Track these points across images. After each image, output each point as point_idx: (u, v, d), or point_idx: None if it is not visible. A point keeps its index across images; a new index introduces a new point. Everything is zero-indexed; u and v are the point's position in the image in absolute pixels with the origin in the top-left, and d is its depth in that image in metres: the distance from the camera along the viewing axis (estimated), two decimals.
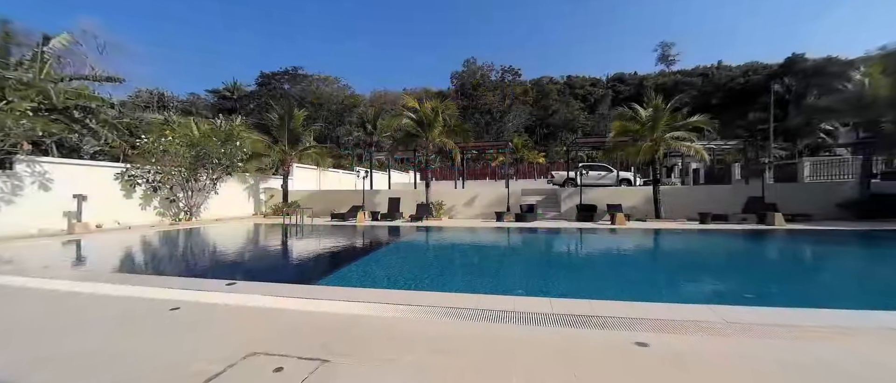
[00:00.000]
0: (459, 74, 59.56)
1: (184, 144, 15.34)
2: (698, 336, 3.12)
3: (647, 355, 2.70)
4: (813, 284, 6.27)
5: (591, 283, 6.09)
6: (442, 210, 16.91)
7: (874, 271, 7.71)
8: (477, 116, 51.43)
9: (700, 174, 23.53)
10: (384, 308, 3.87)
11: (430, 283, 5.91)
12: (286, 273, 7.38)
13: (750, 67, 59.27)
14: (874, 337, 3.09)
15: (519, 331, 3.26)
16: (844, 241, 10.42)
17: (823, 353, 2.76)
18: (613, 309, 3.70)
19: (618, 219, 13.64)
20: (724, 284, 6.31)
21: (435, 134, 17.26)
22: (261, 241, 12.05)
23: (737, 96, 50.48)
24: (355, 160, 40.56)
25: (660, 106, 15.03)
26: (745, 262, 8.63)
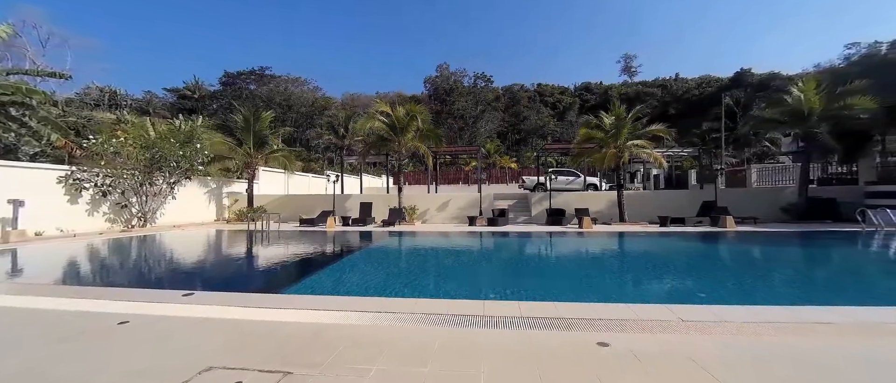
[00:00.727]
0: (433, 79, 59.79)
1: (138, 146, 14.39)
2: (656, 334, 3.27)
3: (607, 355, 2.80)
4: (758, 282, 6.76)
5: (558, 286, 6.25)
6: (415, 215, 16.83)
7: (808, 269, 8.44)
8: (450, 121, 51.81)
9: (660, 180, 24.88)
10: (352, 316, 3.79)
11: (402, 289, 5.85)
12: (248, 282, 7.06)
13: (704, 80, 63.49)
14: (807, 331, 3.37)
15: (488, 336, 3.29)
16: (785, 242, 11.33)
17: (763, 348, 2.98)
18: (578, 311, 3.82)
19: (585, 223, 14.12)
20: (681, 284, 6.68)
21: (408, 138, 17.19)
22: (222, 249, 11.48)
23: (692, 107, 53.90)
24: (326, 164, 39.75)
25: (622, 115, 15.77)
26: (700, 263, 9.17)
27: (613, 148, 15.58)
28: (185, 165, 15.53)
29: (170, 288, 5.50)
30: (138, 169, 14.41)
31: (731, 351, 2.89)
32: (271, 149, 20.06)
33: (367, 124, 18.33)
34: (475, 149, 28.46)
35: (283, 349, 2.97)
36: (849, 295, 5.73)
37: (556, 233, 13.56)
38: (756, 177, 22.37)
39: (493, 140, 51.24)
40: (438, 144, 18.75)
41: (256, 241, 12.02)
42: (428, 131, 18.14)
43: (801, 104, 15.10)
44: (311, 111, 47.43)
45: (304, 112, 46.98)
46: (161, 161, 14.78)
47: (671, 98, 61.46)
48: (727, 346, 3.00)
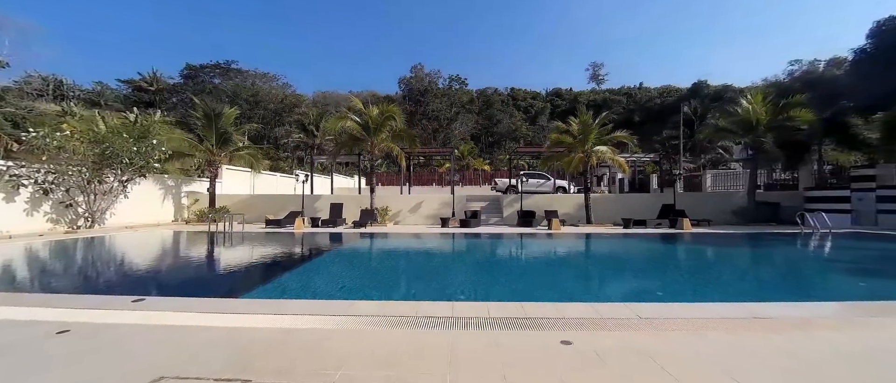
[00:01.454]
0: (407, 80, 59.51)
1: (86, 140, 13.34)
2: (616, 332, 3.41)
3: (570, 353, 2.89)
4: (709, 281, 7.23)
5: (526, 287, 6.38)
6: (387, 216, 16.65)
7: (753, 269, 9.11)
8: (424, 122, 51.73)
9: (625, 183, 26.02)
10: (318, 320, 3.69)
11: (371, 292, 5.76)
12: (207, 286, 6.71)
13: (665, 90, 67.11)
14: (750, 326, 3.64)
15: (456, 337, 3.30)
16: (734, 243, 12.17)
17: (712, 342, 3.18)
18: (544, 311, 3.92)
19: (554, 225, 14.52)
20: (641, 283, 7.01)
21: (381, 138, 17.00)
22: (179, 251, 10.85)
23: (654, 115, 56.75)
24: (295, 163, 38.53)
25: (589, 121, 16.38)
26: (659, 263, 9.67)
27: (581, 152, 16.15)
28: (139, 162, 14.55)
29: (118, 294, 5.13)
30: (86, 165, 13.35)
31: (684, 347, 3.07)
32: (236, 147, 19.21)
33: (338, 123, 17.96)
34: (449, 150, 28.59)
35: (242, 356, 2.84)
36: (786, 292, 6.24)
37: (527, 234, 13.86)
38: (711, 182, 23.89)
39: (467, 142, 51.66)
40: (412, 145, 18.67)
41: (218, 243, 11.45)
42: (402, 132, 18.02)
43: (749, 115, 16.32)
44: (281, 108, 45.85)
45: (272, 109, 45.34)
46: (112, 157, 13.76)
47: (635, 106, 64.46)
48: (680, 342, 3.18)
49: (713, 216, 16.44)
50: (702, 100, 48.33)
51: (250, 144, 23.42)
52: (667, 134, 38.90)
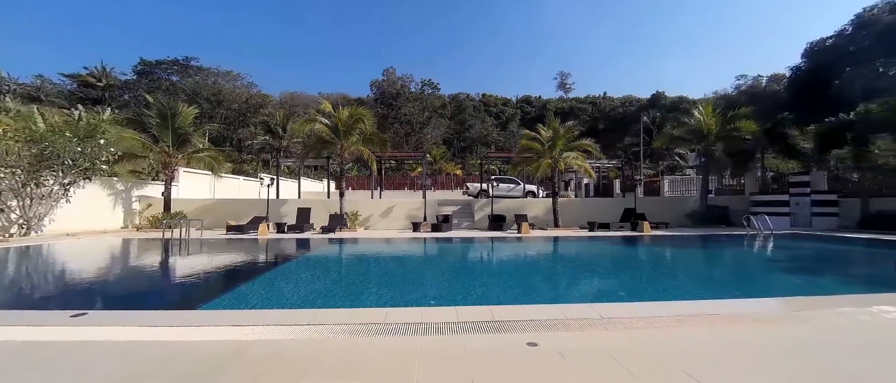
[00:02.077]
0: (379, 83, 58.98)
1: (21, 139, 12.16)
2: (580, 332, 3.53)
3: (535, 354, 2.96)
4: (666, 280, 7.65)
5: (495, 290, 6.46)
6: (357, 221, 16.34)
7: (705, 268, 9.74)
8: (396, 126, 51.41)
9: (590, 188, 27.06)
10: (280, 330, 3.55)
11: (338, 300, 5.61)
12: (159, 298, 6.27)
13: (627, 99, 70.63)
14: (701, 321, 3.87)
15: (425, 343, 3.28)
16: (687, 244, 12.95)
17: (667, 338, 3.36)
18: (511, 313, 3.98)
19: (523, 228, 14.82)
20: (603, 284, 7.30)
21: (351, 141, 16.71)
22: (127, 260, 10.09)
23: (617, 123, 59.60)
24: (260, 166, 37.03)
25: (557, 129, 16.94)
26: (620, 264, 10.11)
27: (549, 158, 16.65)
28: (84, 164, 13.42)
29: (55, 308, 4.68)
30: (21, 166, 12.15)
31: (642, 344, 3.22)
32: (195, 149, 18.20)
33: (307, 125, 17.47)
34: (421, 154, 28.52)
35: (196, 371, 2.68)
36: (733, 290, 6.71)
37: (497, 238, 14.05)
38: (668, 187, 25.35)
39: (439, 146, 51.82)
40: (383, 149, 18.47)
41: (173, 251, 10.75)
42: (372, 135, 17.79)
43: (701, 125, 17.52)
44: (245, 109, 43.97)
45: (236, 109, 43.39)
46: (52, 158, 12.61)
47: (599, 114, 67.38)
48: (639, 339, 3.34)
49: (670, 219, 17.43)
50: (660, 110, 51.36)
51: (211, 146, 22.29)
52: (628, 141, 41.00)
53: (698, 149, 18.96)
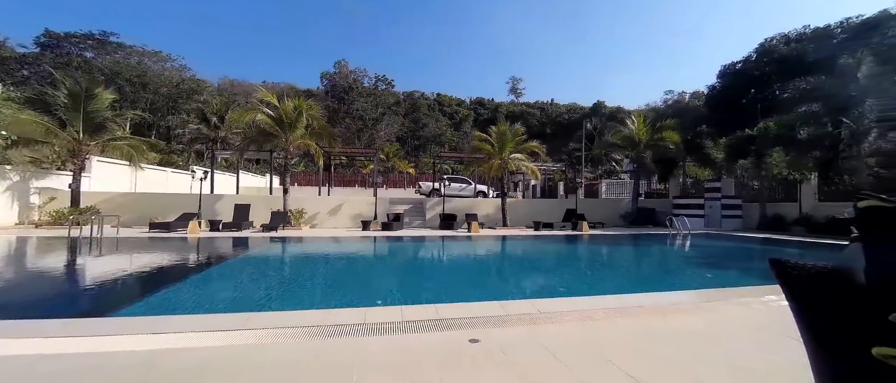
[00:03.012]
0: (331, 75, 56.73)
1: None
2: (520, 327, 3.68)
3: (476, 350, 3.04)
4: (599, 275, 8.28)
5: (443, 288, 6.54)
6: (302, 219, 15.58)
7: (633, 264, 10.70)
8: (348, 121, 49.85)
9: (537, 189, 28.38)
10: (207, 337, 3.27)
11: (276, 302, 5.31)
12: (60, 306, 5.47)
13: (572, 107, 75.12)
14: (628, 313, 4.25)
15: (366, 344, 3.23)
16: (619, 243, 14.12)
17: (598, 330, 3.63)
18: (456, 312, 4.05)
19: (473, 227, 15.15)
20: (544, 280, 7.71)
21: (297, 135, 15.88)
22: (23, 262, 8.69)
23: (563, 128, 63.19)
24: (193, 158, 33.78)
25: (506, 131, 17.54)
26: (561, 261, 10.74)
27: (499, 159, 17.18)
28: None
29: None
30: None
31: (574, 336, 3.45)
32: (112, 135, 16.15)
33: (247, 115, 16.28)
34: (373, 151, 27.94)
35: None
36: (656, 283, 7.45)
37: (448, 237, 14.21)
38: (605, 189, 27.40)
39: (392, 144, 51.10)
40: (332, 144, 17.82)
41: (81, 252, 9.44)
42: (321, 129, 17.08)
43: (633, 134, 19.18)
44: (176, 94, 39.89)
45: (165, 94, 39.21)
46: None
47: (547, 119, 70.94)
48: (572, 332, 3.57)
49: (606, 219, 18.86)
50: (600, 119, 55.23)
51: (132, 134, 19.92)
52: (573, 146, 43.52)
53: (631, 155, 20.72)
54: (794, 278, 1.05)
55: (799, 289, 1.02)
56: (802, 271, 1.07)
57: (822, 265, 1.07)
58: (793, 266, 1.08)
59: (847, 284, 0.99)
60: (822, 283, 1.01)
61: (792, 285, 1.04)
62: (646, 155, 19.25)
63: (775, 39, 30.38)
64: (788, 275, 1.06)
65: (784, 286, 1.05)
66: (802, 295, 1.01)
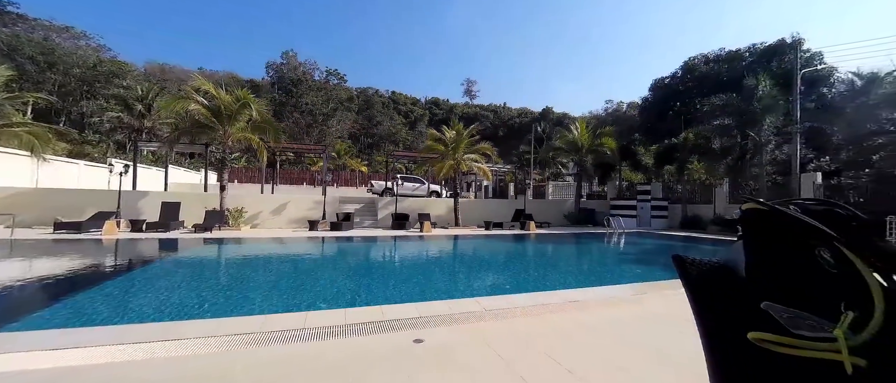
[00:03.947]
0: (277, 66, 53.59)
1: None
2: (465, 325, 3.76)
3: (420, 350, 3.05)
4: (543, 272, 8.71)
5: (392, 288, 6.47)
6: (241, 218, 14.52)
7: (576, 261, 11.40)
8: (296, 115, 47.37)
9: (489, 190, 29.15)
10: (122, 350, 2.93)
11: (206, 309, 4.90)
12: None
13: (522, 111, 78.20)
14: (566, 308, 4.51)
15: (306, 349, 3.09)
16: (563, 241, 14.98)
17: (537, 324, 3.81)
18: (402, 312, 4.03)
19: (426, 227, 15.16)
20: (492, 278, 7.94)
21: (237, 128, 14.77)
22: None
23: (514, 131, 65.50)
24: (113, 150, 29.99)
25: (459, 131, 17.81)
26: (508, 259, 11.13)
27: (452, 160, 17.38)
28: None
29: None
30: None
31: (516, 332, 3.59)
32: (7, 121, 13.84)
33: (179, 104, 14.80)
34: (322, 148, 26.83)
35: None
36: (592, 278, 8.00)
37: (400, 236, 14.08)
38: (552, 191, 28.87)
39: (344, 141, 49.47)
40: (277, 139, 16.79)
41: None
42: (265, 123, 16.02)
43: (577, 140, 20.45)
44: (92, 76, 35.12)
45: (78, 76, 34.35)
46: None
47: (499, 122, 73.12)
48: (514, 327, 3.71)
49: (552, 219, 19.90)
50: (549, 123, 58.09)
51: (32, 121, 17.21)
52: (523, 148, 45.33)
53: (574, 159, 22.07)
54: (690, 273, 1.18)
55: (694, 283, 1.15)
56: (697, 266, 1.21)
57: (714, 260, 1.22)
58: (690, 262, 1.22)
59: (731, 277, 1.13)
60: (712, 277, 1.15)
61: (689, 279, 1.17)
62: (587, 159, 20.62)
63: (697, 59, 34.12)
64: (686, 270, 1.19)
65: (683, 279, 1.18)
66: (697, 287, 1.14)
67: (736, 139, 18.33)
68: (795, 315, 0.95)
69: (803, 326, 0.93)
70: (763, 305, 1.00)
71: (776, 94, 16.78)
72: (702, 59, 33.78)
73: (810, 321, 0.93)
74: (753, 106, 16.66)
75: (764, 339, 0.95)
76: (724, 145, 18.57)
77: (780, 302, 0.99)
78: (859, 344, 0.87)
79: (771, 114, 16.55)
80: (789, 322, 0.95)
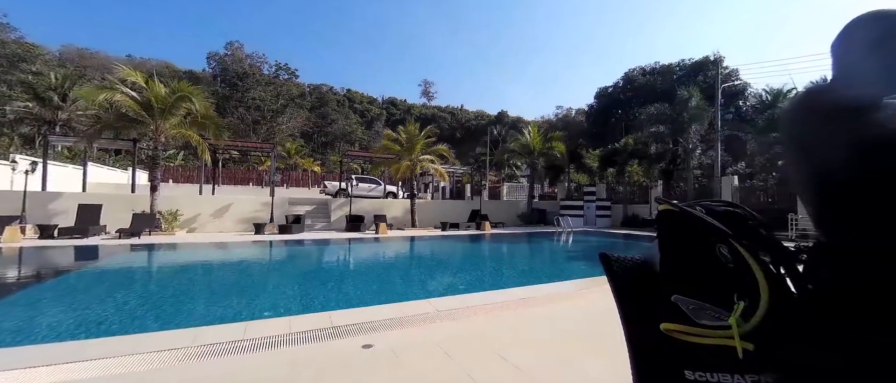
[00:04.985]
0: (221, 58, 49.91)
1: None
2: (416, 328, 3.72)
3: (368, 356, 2.97)
4: (496, 271, 8.93)
5: (341, 294, 6.26)
6: (176, 222, 13.29)
7: (528, 259, 11.83)
8: (242, 111, 44.47)
9: (446, 191, 29.35)
10: (18, 377, 2.53)
11: (130, 325, 4.41)
12: None
13: (479, 114, 79.79)
14: (518, 305, 4.65)
15: (244, 362, 2.88)
16: (516, 240, 15.49)
17: (488, 323, 3.89)
18: (351, 317, 3.90)
19: (381, 229, 14.90)
20: (445, 279, 7.99)
21: (172, 123, 13.52)
22: None
23: (471, 133, 66.56)
24: (18, 144, 26.02)
25: (415, 132, 17.76)
26: (464, 260, 11.28)
27: (408, 161, 17.26)
28: None
29: None
30: None
31: (467, 332, 3.62)
32: None
33: (101, 94, 13.19)
34: (270, 146, 25.35)
35: None
36: (541, 275, 8.34)
37: (354, 239, 13.71)
38: (506, 192, 29.74)
39: (295, 139, 47.19)
40: (219, 136, 15.58)
41: None
42: (206, 118, 14.79)
43: (529, 143, 21.27)
44: None
45: None
46: None
47: (457, 124, 73.97)
48: (465, 327, 3.75)
49: (506, 219, 20.49)
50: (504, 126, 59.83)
51: None
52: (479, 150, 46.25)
53: (527, 162, 22.94)
54: (615, 269, 1.26)
55: (617, 278, 1.23)
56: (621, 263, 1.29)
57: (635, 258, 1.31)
58: (615, 259, 1.30)
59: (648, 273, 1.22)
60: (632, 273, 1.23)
61: (613, 275, 1.24)
62: (539, 162, 21.53)
63: (635, 70, 37.02)
64: (611, 267, 1.26)
65: (608, 275, 1.25)
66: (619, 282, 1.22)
67: (668, 145, 20.14)
68: (699, 306, 1.04)
69: (705, 316, 1.02)
70: (673, 298, 1.09)
71: (703, 106, 18.70)
72: (640, 71, 36.74)
73: (711, 311, 1.03)
74: (683, 116, 18.41)
75: (673, 330, 1.03)
76: (658, 150, 20.32)
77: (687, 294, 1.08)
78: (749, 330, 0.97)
79: (697, 123, 18.41)
80: (694, 313, 1.04)
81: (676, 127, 18.84)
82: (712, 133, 19.09)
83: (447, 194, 29.20)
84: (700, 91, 19.69)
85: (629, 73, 36.51)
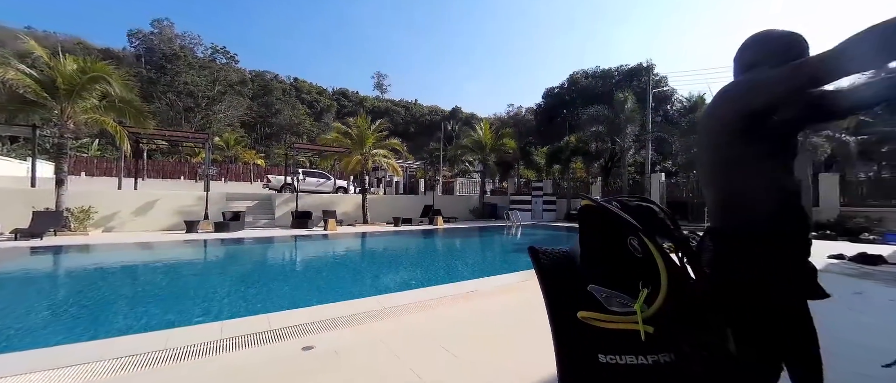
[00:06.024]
0: (145, 36, 44.60)
1: None
2: (361, 325, 3.64)
3: (308, 358, 2.85)
4: (445, 265, 9.04)
5: (281, 295, 5.95)
6: (88, 220, 11.73)
7: (479, 253, 12.12)
8: (172, 97, 40.25)
9: (400, 186, 29.02)
10: None
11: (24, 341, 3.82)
12: None
13: (433, 109, 79.85)
14: (464, 298, 4.73)
15: (167, 374, 2.62)
16: (468, 235, 15.78)
17: (433, 318, 3.91)
18: (292, 319, 3.72)
19: (330, 225, 14.37)
20: (396, 275, 7.93)
21: (83, 107, 11.84)
22: None
23: (425, 128, 66.47)
24: None
25: (366, 125, 17.31)
26: (415, 255, 11.27)
27: (359, 154, 16.79)
28: None
29: None
30: None
31: (413, 328, 3.62)
32: None
33: None
34: (205, 136, 23.22)
35: None
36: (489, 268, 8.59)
37: (300, 236, 13.08)
38: (459, 187, 30.12)
39: (235, 129, 43.74)
40: (142, 123, 13.92)
41: None
42: (125, 103, 13.12)
43: (481, 139, 21.72)
44: None
45: None
46: None
47: (411, 118, 73.42)
48: (411, 323, 3.74)
49: (459, 214, 20.78)
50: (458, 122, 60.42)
51: None
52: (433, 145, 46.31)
53: (479, 158, 23.42)
54: (542, 261, 1.32)
55: (544, 270, 1.29)
56: (548, 256, 1.35)
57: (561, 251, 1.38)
58: (542, 252, 1.35)
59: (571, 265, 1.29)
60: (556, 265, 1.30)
61: (540, 267, 1.30)
62: (490, 157, 22.07)
63: (579, 73, 39.22)
64: (539, 260, 1.32)
65: (536, 267, 1.31)
66: (545, 273, 1.28)
67: (607, 144, 21.67)
68: (610, 294, 1.12)
69: (615, 303, 1.11)
70: (589, 288, 1.16)
71: (636, 109, 20.35)
72: (583, 73, 38.99)
73: (620, 298, 1.12)
74: (619, 117, 19.91)
75: (588, 317, 1.10)
76: (598, 149, 21.80)
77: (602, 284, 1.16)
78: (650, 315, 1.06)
79: (632, 124, 20.01)
80: (606, 300, 1.12)
81: (614, 127, 20.32)
82: (644, 134, 20.85)
83: (400, 189, 28.90)
84: (634, 95, 21.39)
85: (574, 76, 38.59)
